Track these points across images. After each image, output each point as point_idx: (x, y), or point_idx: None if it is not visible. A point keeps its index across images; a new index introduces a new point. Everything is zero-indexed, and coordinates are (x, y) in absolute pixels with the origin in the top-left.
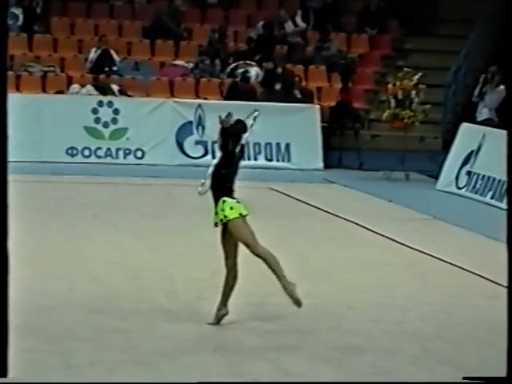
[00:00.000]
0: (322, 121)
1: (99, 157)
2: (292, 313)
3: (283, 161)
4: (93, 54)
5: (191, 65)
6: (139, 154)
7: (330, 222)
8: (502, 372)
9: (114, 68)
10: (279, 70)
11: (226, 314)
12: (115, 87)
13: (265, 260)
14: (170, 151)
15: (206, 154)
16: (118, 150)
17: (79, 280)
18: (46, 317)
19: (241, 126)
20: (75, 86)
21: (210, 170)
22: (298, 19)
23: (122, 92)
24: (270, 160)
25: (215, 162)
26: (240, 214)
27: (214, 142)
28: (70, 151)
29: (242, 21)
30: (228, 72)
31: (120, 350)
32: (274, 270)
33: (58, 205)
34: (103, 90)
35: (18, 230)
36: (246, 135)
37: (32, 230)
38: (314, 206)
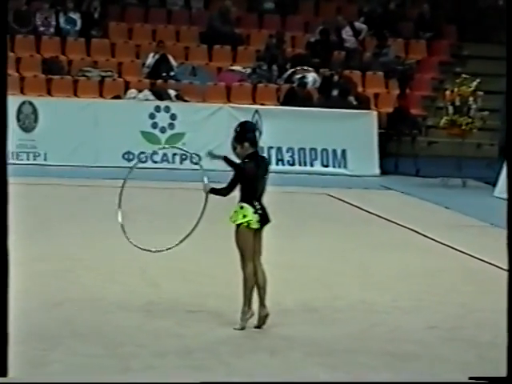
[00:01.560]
0: (379, 127)
1: (156, 162)
2: (347, 319)
3: (339, 167)
4: (150, 59)
5: (248, 70)
6: (196, 159)
7: (387, 228)
8: None
9: (172, 73)
10: (336, 76)
11: (267, 315)
12: (172, 92)
13: (243, 279)
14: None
15: None
16: (174, 155)
17: (138, 285)
18: (105, 322)
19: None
20: (132, 91)
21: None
22: (358, 25)
23: (179, 97)
24: (327, 166)
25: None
26: (248, 225)
27: (270, 148)
28: (126, 156)
29: (300, 26)
30: (285, 77)
31: (177, 354)
32: (244, 291)
33: (113, 210)
34: (160, 95)
35: (77, 234)
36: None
37: (90, 236)
38: (371, 213)
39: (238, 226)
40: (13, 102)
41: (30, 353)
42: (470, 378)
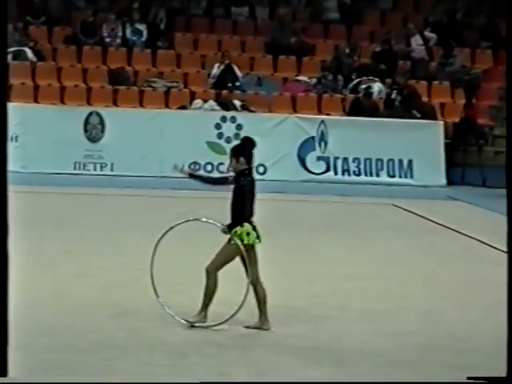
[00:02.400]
0: (446, 137)
1: (221, 172)
2: (415, 330)
3: (406, 177)
4: (216, 70)
5: (314, 80)
6: (261, 169)
7: (454, 239)
8: None
9: (237, 83)
10: (402, 85)
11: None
12: (238, 102)
13: (206, 281)
14: (292, 167)
15: (327, 169)
16: None
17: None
18: (171, 332)
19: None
20: (198, 102)
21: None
22: (427, 34)
23: (245, 107)
24: (393, 176)
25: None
26: (253, 242)
27: (336, 158)
28: (192, 166)
29: (365, 36)
30: (351, 88)
31: (244, 365)
32: (204, 295)
33: (180, 220)
34: (226, 105)
35: (143, 245)
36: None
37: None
38: (438, 223)
39: (244, 245)
40: (80, 112)
41: (99, 363)
42: (469, 378)
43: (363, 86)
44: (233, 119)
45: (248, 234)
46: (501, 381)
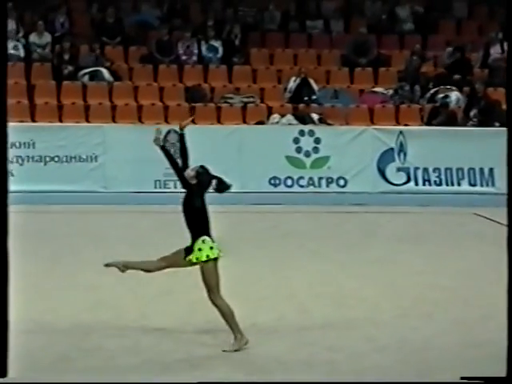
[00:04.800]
0: None
1: (302, 186)
2: (500, 339)
3: (487, 186)
4: (292, 84)
5: (390, 91)
6: (341, 182)
7: None
8: None
9: (313, 97)
10: (479, 94)
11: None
12: (315, 116)
13: (220, 311)
14: (372, 179)
15: (408, 180)
16: (320, 178)
17: (288, 311)
18: (255, 347)
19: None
20: (275, 116)
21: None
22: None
23: (322, 121)
24: (474, 185)
25: (183, 199)
26: (218, 255)
27: (416, 169)
28: (272, 181)
29: (441, 45)
30: (428, 97)
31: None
32: (227, 321)
33: (263, 235)
34: (303, 119)
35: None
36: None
37: (238, 261)
38: None
39: (206, 261)
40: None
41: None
42: (462, 378)
43: (440, 96)
44: (311, 133)
45: (211, 248)
46: (501, 381)
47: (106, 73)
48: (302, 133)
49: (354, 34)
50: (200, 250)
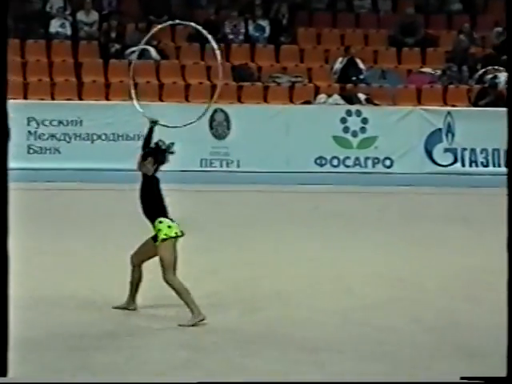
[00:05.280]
0: None
1: (348, 166)
2: None
3: None
4: (339, 64)
5: (438, 72)
6: (388, 162)
7: None
8: None
9: (361, 77)
10: None
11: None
12: (362, 96)
13: (174, 289)
14: (419, 159)
15: (455, 161)
16: (366, 159)
17: (335, 291)
18: (304, 328)
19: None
20: (322, 96)
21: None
22: None
23: (369, 101)
24: None
25: (139, 186)
26: (176, 234)
27: (463, 150)
28: (318, 161)
29: (490, 26)
30: (476, 78)
31: (376, 359)
32: (182, 299)
33: (308, 215)
34: (350, 99)
35: (271, 240)
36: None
37: (284, 242)
38: None
39: (164, 240)
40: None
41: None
42: (462, 378)
43: (489, 76)
44: (358, 113)
45: (169, 227)
46: (501, 381)
47: (153, 51)
48: (349, 113)
49: (402, 14)
50: (159, 230)
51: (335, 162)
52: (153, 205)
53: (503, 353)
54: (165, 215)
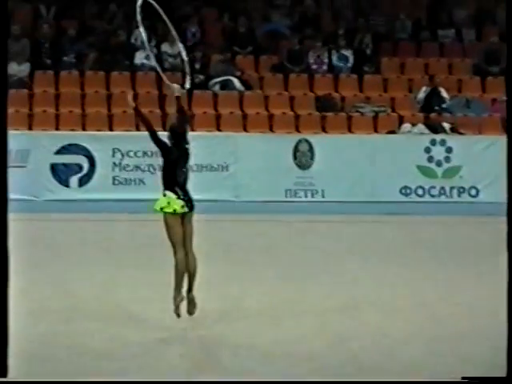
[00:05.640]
0: None
1: (433, 196)
2: None
3: None
4: (422, 93)
5: None
6: (473, 191)
7: None
8: None
9: (444, 106)
10: None
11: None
12: (447, 125)
13: (175, 265)
14: (505, 188)
15: None
16: (451, 188)
17: (420, 320)
18: (389, 358)
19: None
20: (407, 126)
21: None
22: None
23: (454, 130)
24: None
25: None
26: (174, 211)
27: None
28: (403, 191)
29: None
30: None
31: None
32: (176, 277)
33: (394, 244)
34: (435, 128)
35: (360, 270)
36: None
37: (369, 269)
38: None
39: (164, 213)
40: (289, 140)
41: None
42: (463, 378)
43: None
44: (442, 142)
45: (168, 203)
46: (501, 381)
47: (236, 82)
48: (433, 142)
49: (486, 43)
50: (160, 200)
51: (420, 191)
52: (163, 176)
53: None
54: (171, 189)
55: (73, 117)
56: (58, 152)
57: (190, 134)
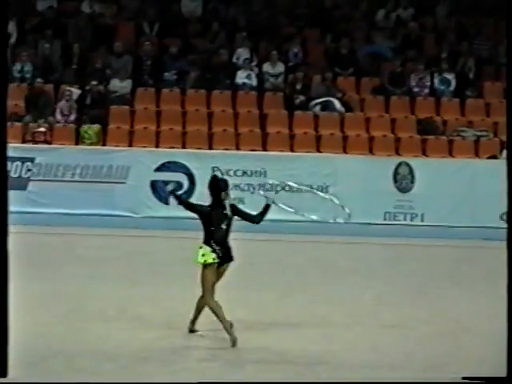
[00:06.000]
0: None
1: None
2: None
3: None
4: None
5: None
6: None
7: None
8: None
9: None
10: None
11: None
12: None
13: (213, 311)
14: None
15: None
16: None
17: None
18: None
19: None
20: None
21: None
22: None
23: None
24: None
25: None
26: (204, 262)
27: None
28: (504, 216)
29: None
30: None
31: None
32: (221, 320)
33: (492, 271)
34: None
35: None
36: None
37: (466, 295)
38: None
39: (204, 266)
40: (389, 162)
41: None
42: (464, 378)
43: None
44: None
45: (203, 255)
46: (501, 381)
47: (337, 103)
48: None
49: None
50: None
51: None
52: (203, 232)
53: None
54: (207, 243)
55: (173, 134)
56: (158, 169)
57: (290, 155)
